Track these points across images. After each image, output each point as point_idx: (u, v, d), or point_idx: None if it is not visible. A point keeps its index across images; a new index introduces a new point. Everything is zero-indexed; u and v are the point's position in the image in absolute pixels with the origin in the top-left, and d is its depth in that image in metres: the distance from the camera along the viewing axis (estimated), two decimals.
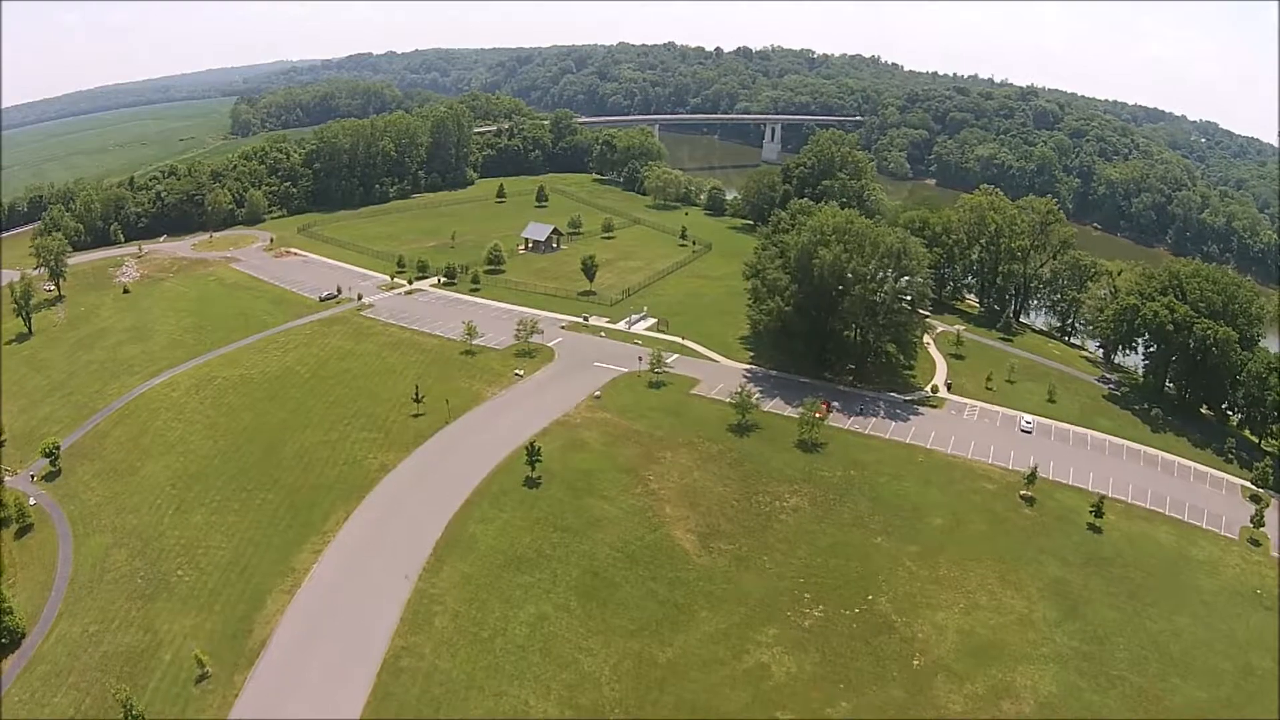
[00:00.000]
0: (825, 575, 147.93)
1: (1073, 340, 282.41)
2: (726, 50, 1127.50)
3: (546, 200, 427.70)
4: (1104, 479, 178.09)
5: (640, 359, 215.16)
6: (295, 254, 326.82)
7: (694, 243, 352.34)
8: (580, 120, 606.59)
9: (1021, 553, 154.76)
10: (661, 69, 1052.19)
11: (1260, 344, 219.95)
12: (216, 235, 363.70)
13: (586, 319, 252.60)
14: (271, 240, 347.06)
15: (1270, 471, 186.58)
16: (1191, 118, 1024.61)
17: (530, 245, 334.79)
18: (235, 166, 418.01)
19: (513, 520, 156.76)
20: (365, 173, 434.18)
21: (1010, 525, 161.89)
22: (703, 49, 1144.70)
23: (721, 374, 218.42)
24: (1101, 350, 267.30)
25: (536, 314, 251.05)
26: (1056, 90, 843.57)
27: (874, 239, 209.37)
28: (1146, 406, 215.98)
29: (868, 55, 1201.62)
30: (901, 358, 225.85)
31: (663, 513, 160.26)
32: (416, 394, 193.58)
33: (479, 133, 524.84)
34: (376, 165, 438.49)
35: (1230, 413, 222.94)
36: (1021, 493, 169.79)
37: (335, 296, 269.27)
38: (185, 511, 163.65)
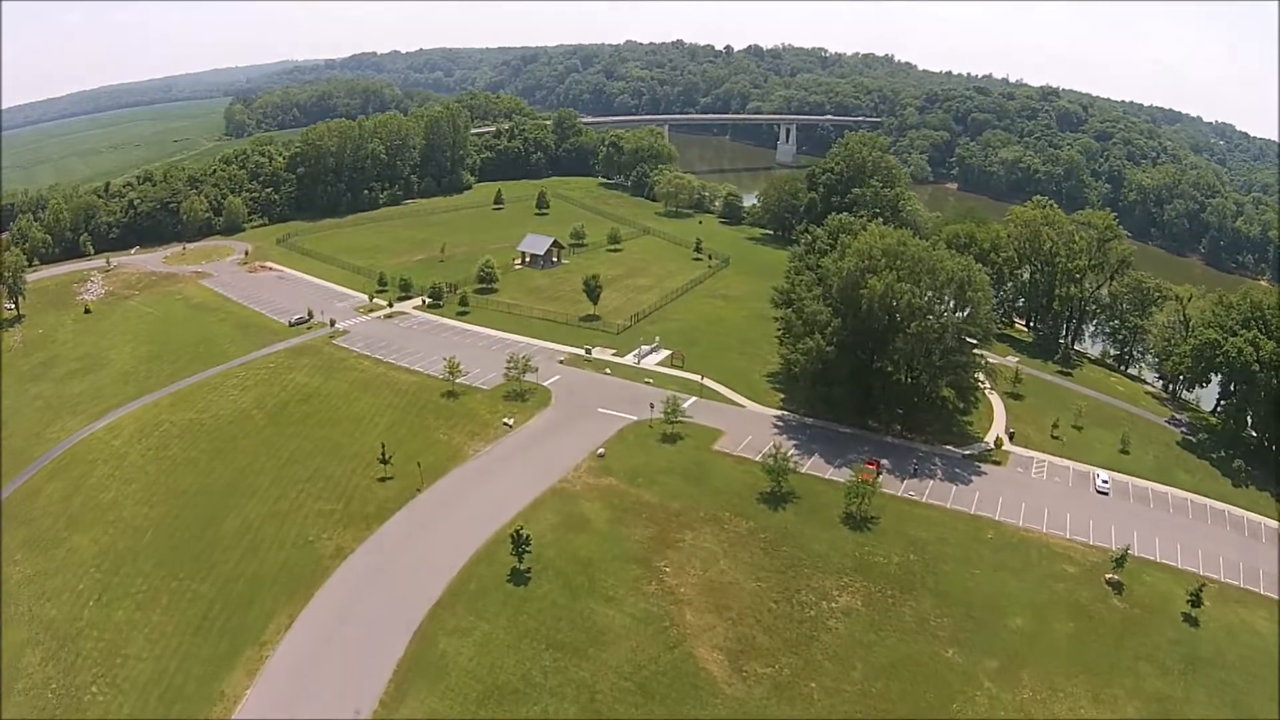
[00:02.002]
0: (887, 704, 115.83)
1: (1130, 371, 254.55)
2: (737, 49, 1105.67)
3: (548, 207, 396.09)
4: (1192, 551, 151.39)
5: (652, 405, 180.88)
6: (271, 269, 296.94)
7: (710, 256, 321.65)
8: (585, 120, 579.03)
9: (1115, 660, 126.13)
10: (670, 68, 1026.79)
11: None
12: (191, 247, 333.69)
13: (589, 351, 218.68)
14: (246, 253, 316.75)
15: None
16: (1207, 119, 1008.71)
17: (527, 259, 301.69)
18: (214, 171, 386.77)
19: (494, 633, 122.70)
20: (353, 177, 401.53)
21: (1099, 622, 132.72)
22: (712, 47, 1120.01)
23: (748, 422, 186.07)
24: (1161, 381, 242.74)
25: (531, 344, 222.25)
26: (1071, 90, 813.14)
27: (932, 265, 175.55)
28: (1225, 455, 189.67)
29: (880, 54, 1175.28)
30: (959, 403, 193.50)
31: (683, 621, 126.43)
32: (383, 454, 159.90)
33: (477, 133, 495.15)
34: (365, 169, 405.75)
35: None
36: (1107, 576, 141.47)
37: (306, 321, 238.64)
38: (109, 604, 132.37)
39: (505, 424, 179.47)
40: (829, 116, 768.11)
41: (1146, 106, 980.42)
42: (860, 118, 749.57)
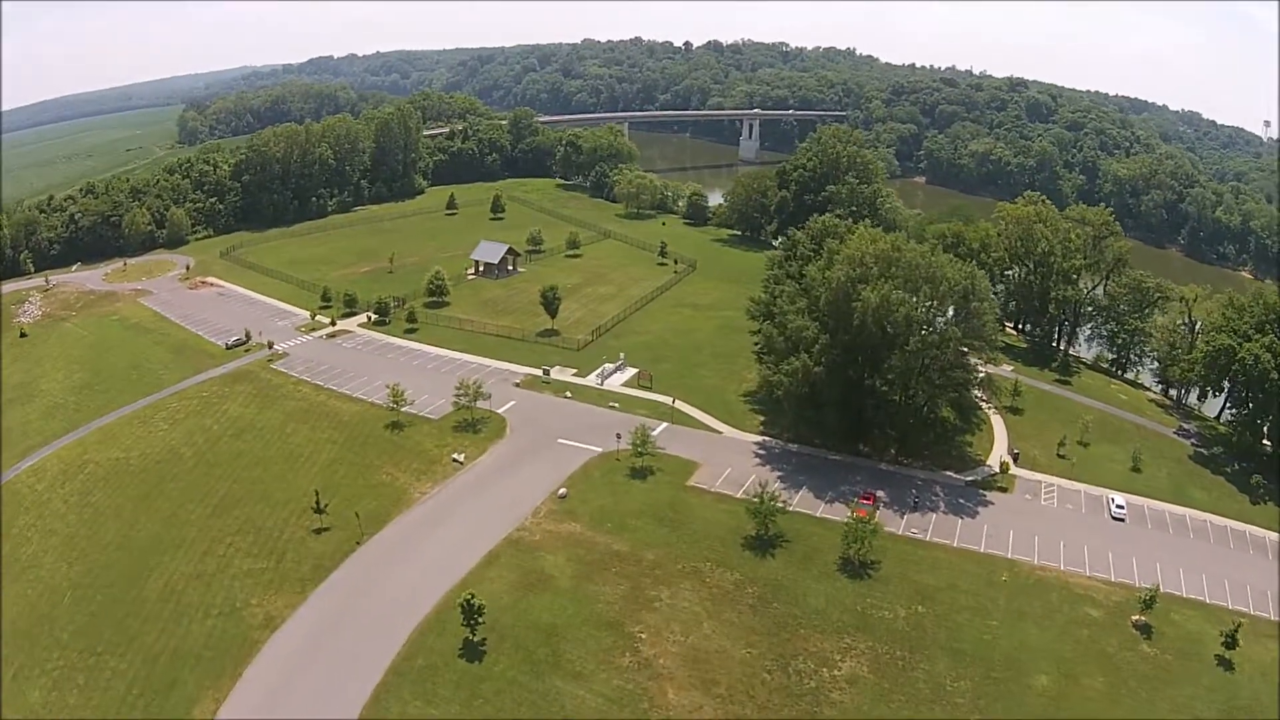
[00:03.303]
0: None
1: (1128, 376, 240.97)
2: (696, 45, 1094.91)
3: (503, 211, 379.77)
4: (1218, 581, 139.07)
5: (619, 436, 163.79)
6: (212, 284, 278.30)
7: (676, 261, 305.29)
8: (542, 120, 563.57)
9: (1151, 717, 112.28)
10: (629, 65, 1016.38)
11: None
12: (132, 262, 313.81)
13: (547, 373, 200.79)
14: (188, 269, 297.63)
15: None
16: (1173, 108, 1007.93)
17: (481, 269, 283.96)
18: (157, 182, 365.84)
19: None
20: (300, 184, 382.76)
21: (1130, 673, 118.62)
22: (671, 44, 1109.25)
23: (726, 451, 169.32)
24: (1162, 387, 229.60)
25: (484, 364, 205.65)
26: (1037, 82, 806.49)
27: (931, 273, 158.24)
28: (1240, 469, 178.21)
29: (842, 48, 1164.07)
30: (959, 423, 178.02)
31: (664, 701, 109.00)
32: (318, 503, 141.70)
33: (430, 135, 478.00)
34: (313, 175, 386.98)
35: None
36: (1134, 619, 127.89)
37: (244, 343, 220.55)
38: (23, 681, 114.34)
39: (455, 460, 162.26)
40: (792, 111, 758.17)
41: (1113, 96, 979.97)
42: (824, 111, 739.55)
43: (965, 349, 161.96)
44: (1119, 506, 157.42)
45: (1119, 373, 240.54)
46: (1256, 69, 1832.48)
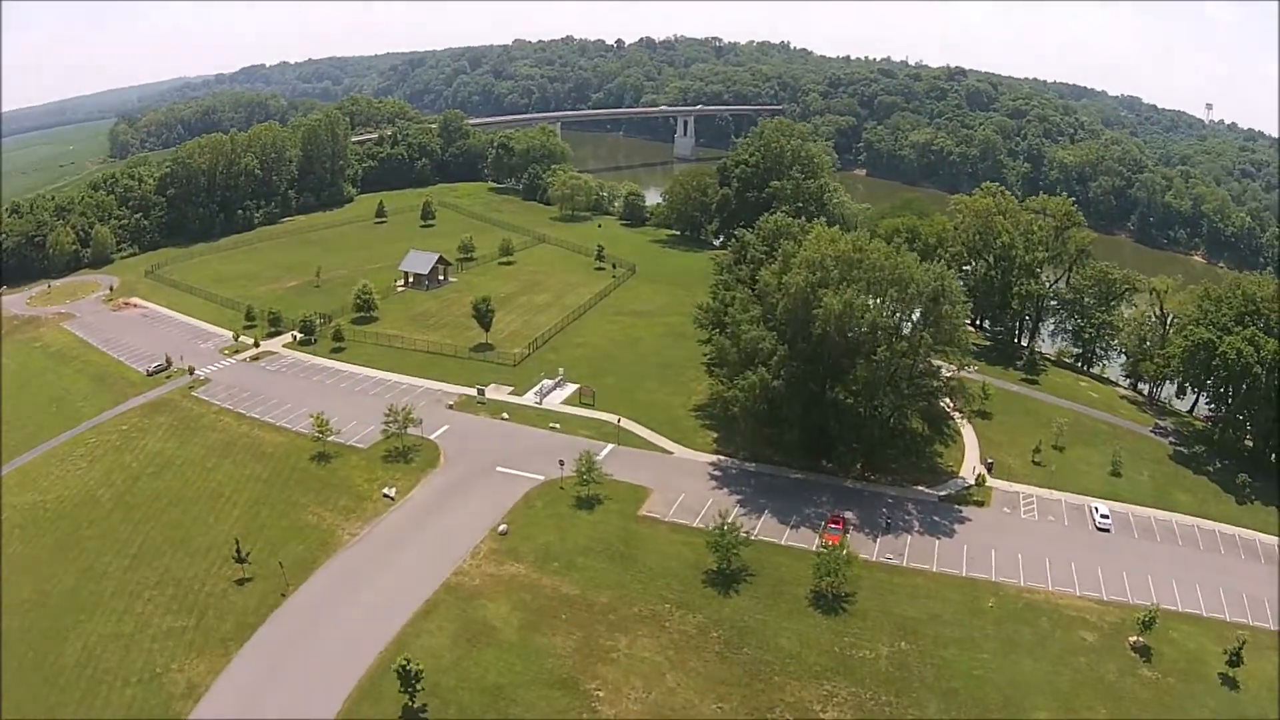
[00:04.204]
0: None
1: (1093, 371, 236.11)
2: (629, 42, 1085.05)
3: (434, 218, 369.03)
4: (1212, 591, 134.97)
5: (562, 463, 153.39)
6: (136, 305, 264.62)
7: (614, 265, 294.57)
8: (473, 122, 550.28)
9: None
10: (560, 64, 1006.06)
11: None
12: (57, 284, 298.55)
13: (482, 392, 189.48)
14: (111, 289, 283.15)
15: None
16: (1112, 93, 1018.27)
17: (410, 280, 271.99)
18: (82, 199, 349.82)
19: None
20: (226, 196, 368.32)
21: (1133, 702, 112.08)
22: (603, 42, 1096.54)
23: (678, 474, 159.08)
24: (1129, 381, 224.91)
25: (415, 385, 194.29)
26: (975, 71, 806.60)
27: (898, 275, 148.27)
28: (1223, 468, 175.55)
29: (776, 42, 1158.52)
30: (928, 432, 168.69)
31: None
32: (239, 552, 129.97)
33: (358, 141, 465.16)
34: (239, 187, 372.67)
35: None
36: (1132, 640, 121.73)
37: (165, 369, 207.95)
38: None
39: (386, 495, 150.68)
40: (728, 106, 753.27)
41: (1052, 83, 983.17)
42: (760, 106, 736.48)
43: (936, 356, 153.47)
44: (1103, 516, 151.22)
45: (1085, 368, 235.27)
46: (1195, 52, 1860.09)
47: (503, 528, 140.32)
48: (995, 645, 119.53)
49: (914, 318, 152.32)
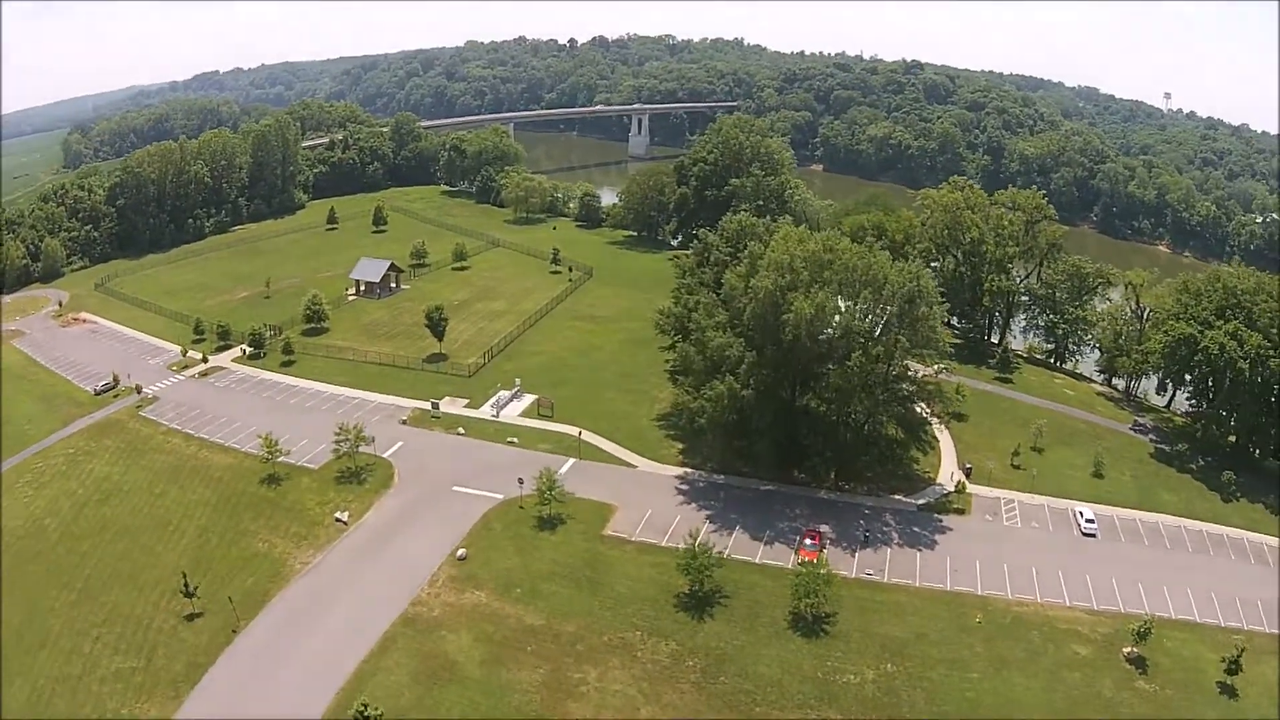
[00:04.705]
0: None
1: (1066, 367, 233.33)
2: (581, 41, 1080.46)
3: (386, 223, 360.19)
4: (1204, 594, 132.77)
5: (521, 481, 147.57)
6: (85, 321, 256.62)
7: (571, 268, 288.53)
8: (425, 124, 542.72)
9: None
10: (513, 64, 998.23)
11: None
12: (7, 300, 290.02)
13: (436, 406, 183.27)
14: (60, 304, 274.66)
15: None
16: (1069, 84, 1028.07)
17: (362, 289, 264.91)
18: (32, 212, 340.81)
19: None
20: (176, 206, 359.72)
21: (1131, 716, 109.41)
22: (555, 41, 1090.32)
23: (644, 489, 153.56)
24: (1104, 377, 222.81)
25: (367, 399, 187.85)
26: (932, 64, 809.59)
27: (871, 276, 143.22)
28: (1207, 464, 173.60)
29: (730, 38, 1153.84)
30: (904, 438, 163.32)
31: None
32: (187, 586, 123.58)
33: (309, 147, 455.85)
34: (189, 196, 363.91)
35: None
36: (1126, 651, 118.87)
37: (112, 387, 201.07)
38: None
39: (339, 520, 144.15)
40: (682, 104, 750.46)
41: (1009, 75, 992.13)
42: (715, 103, 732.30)
43: (912, 359, 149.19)
44: (1089, 521, 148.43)
45: (1058, 364, 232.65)
46: (1153, 40, 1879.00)
47: (461, 552, 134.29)
48: (985, 664, 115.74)
49: (889, 320, 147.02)
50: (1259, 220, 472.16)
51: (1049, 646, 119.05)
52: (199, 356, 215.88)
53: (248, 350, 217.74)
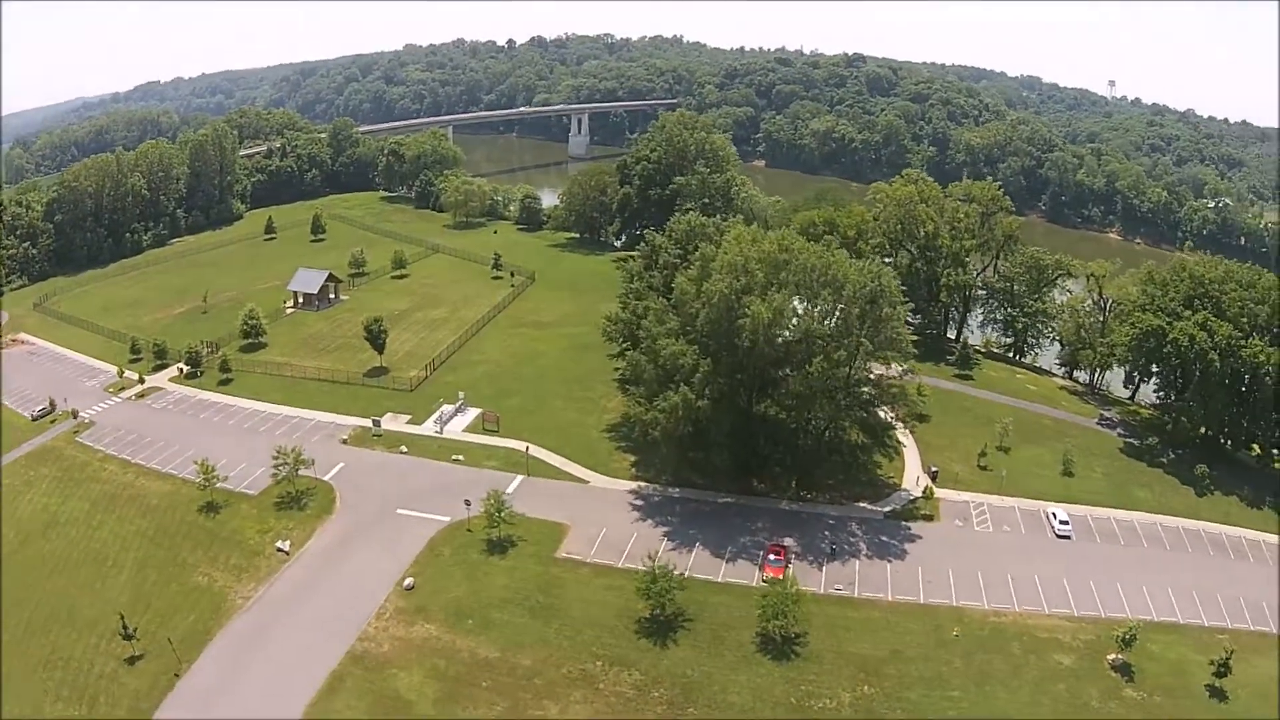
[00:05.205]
0: None
1: (1025, 361, 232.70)
2: (520, 42, 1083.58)
3: (324, 231, 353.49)
4: (1185, 594, 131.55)
5: (468, 503, 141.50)
6: (24, 342, 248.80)
7: (512, 273, 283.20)
8: (363, 129, 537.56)
9: None
10: (451, 67, 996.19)
11: None
12: None
13: (378, 423, 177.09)
14: None
15: None
16: (1011, 74, 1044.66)
17: (300, 300, 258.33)
18: None
19: None
20: (114, 219, 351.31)
21: None
22: (494, 43, 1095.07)
23: (597, 506, 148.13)
24: (1065, 370, 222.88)
25: (307, 418, 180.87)
26: (874, 57, 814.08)
27: (831, 275, 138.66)
28: (1177, 458, 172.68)
29: (669, 35, 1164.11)
30: (867, 443, 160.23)
31: None
32: (125, 627, 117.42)
33: (247, 155, 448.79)
34: (127, 209, 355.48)
35: (1277, 453, 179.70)
36: (1111, 658, 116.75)
37: (49, 412, 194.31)
38: None
39: (280, 550, 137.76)
40: (622, 103, 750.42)
41: (951, 66, 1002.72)
42: (656, 101, 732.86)
43: (876, 361, 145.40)
44: (1063, 523, 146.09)
45: (1018, 358, 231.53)
46: (1096, 29, 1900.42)
47: (408, 581, 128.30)
48: (966, 680, 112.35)
49: (850, 321, 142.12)
50: (1211, 205, 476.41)
51: (1031, 658, 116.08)
52: (135, 377, 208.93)
53: (184, 369, 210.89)
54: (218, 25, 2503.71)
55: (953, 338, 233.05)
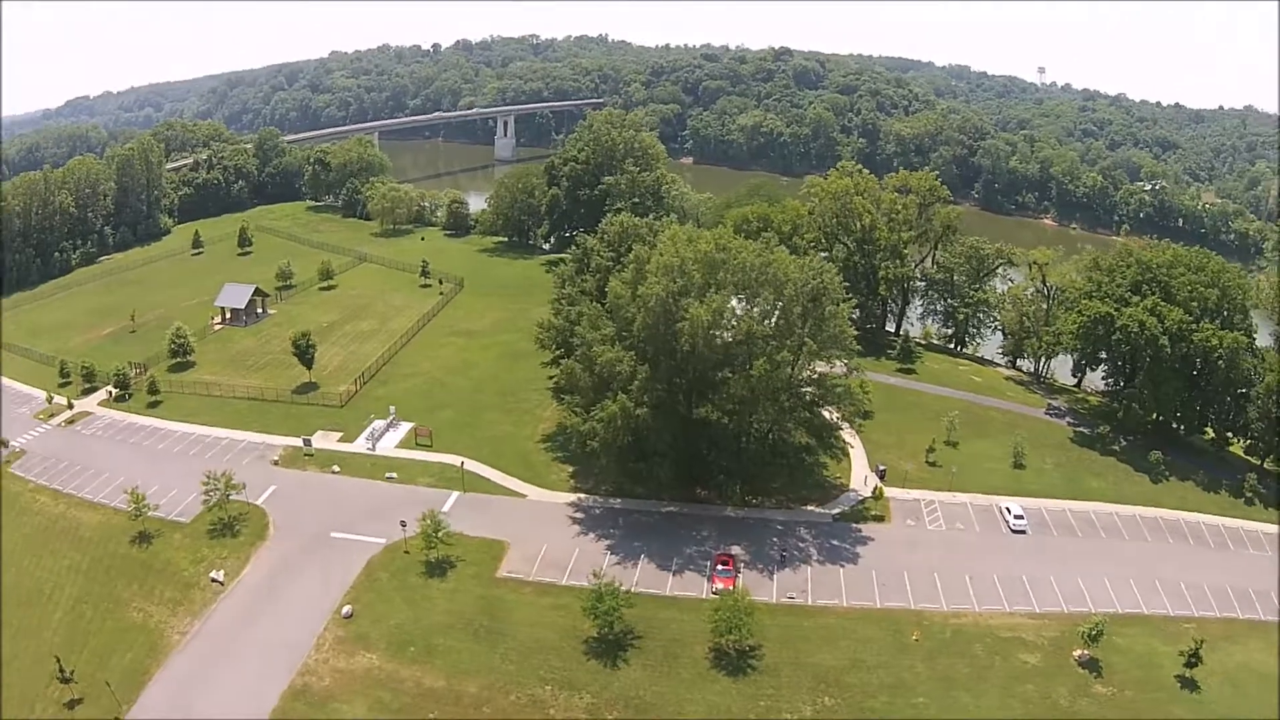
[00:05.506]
0: None
1: (966, 352, 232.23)
2: (445, 46, 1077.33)
3: (251, 244, 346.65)
4: (1148, 583, 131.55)
5: (404, 524, 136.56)
6: None
7: (441, 280, 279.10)
8: (289, 139, 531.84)
9: None
10: (377, 73, 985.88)
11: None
12: None
13: (309, 443, 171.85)
14: None
15: None
16: (939, 64, 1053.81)
17: (228, 316, 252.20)
18: None
19: None
20: (42, 239, 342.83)
21: None
22: (419, 47, 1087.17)
23: (536, 521, 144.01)
24: (1008, 360, 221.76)
25: (237, 439, 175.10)
26: (800, 50, 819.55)
27: (771, 274, 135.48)
28: (1130, 445, 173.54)
29: (594, 35, 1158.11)
30: (813, 444, 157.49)
31: None
32: (61, 670, 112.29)
33: (173, 169, 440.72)
34: (54, 228, 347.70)
35: (1231, 436, 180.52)
36: (1077, 654, 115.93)
37: None
38: None
39: (214, 580, 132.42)
40: (547, 103, 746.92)
41: (878, 58, 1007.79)
42: (581, 101, 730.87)
43: (820, 361, 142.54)
44: (1017, 517, 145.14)
45: (959, 349, 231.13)
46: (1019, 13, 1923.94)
47: (346, 609, 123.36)
48: (930, 686, 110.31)
49: (792, 320, 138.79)
50: (1148, 188, 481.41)
51: (995, 659, 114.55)
52: (65, 402, 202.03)
53: (114, 392, 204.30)
54: (145, 37, 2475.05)
55: (892, 331, 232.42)
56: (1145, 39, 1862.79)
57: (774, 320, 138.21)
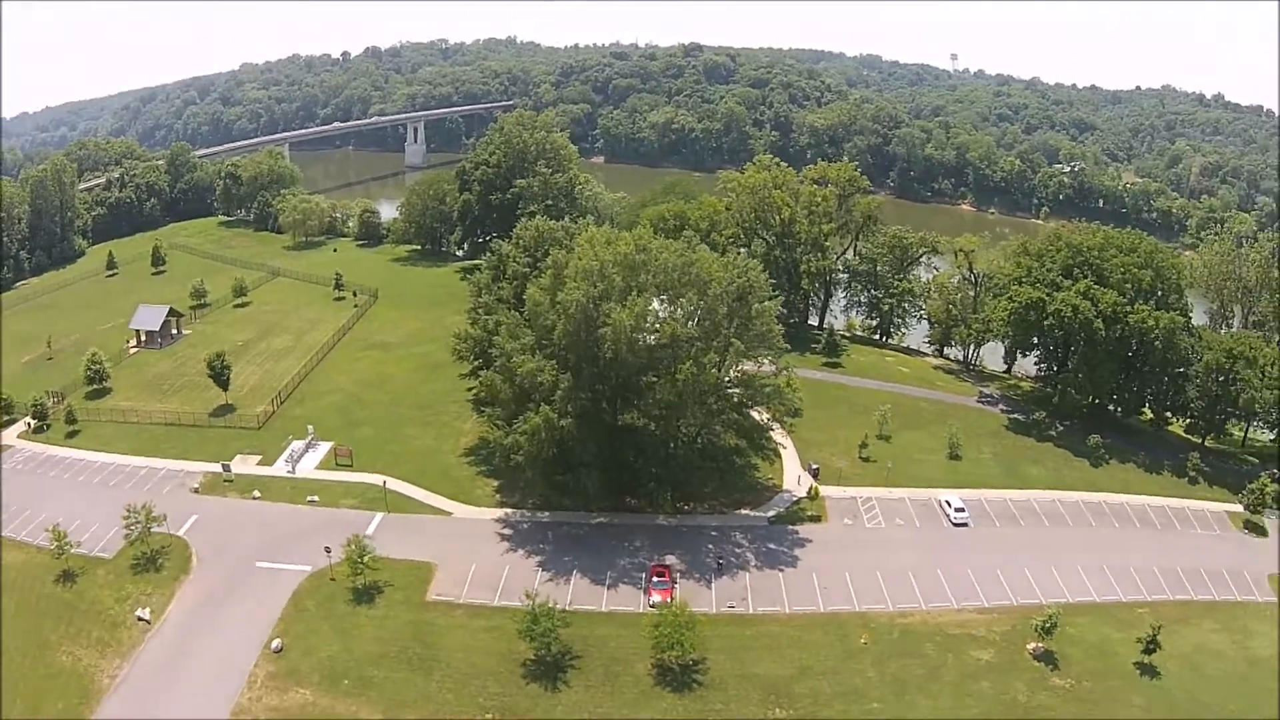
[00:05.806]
0: None
1: (891, 342, 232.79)
2: (355, 53, 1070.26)
3: (165, 263, 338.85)
4: (1096, 569, 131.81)
5: (328, 550, 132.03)
6: None
7: (355, 292, 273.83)
8: (200, 153, 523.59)
9: None
10: (288, 83, 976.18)
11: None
12: None
13: (227, 468, 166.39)
14: None
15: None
16: (850, 54, 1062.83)
17: (143, 339, 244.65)
18: None
19: None
20: None
21: (1054, 717, 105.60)
22: (329, 55, 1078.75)
23: (464, 540, 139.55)
24: (935, 349, 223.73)
25: (157, 467, 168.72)
26: (710, 45, 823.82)
27: (694, 274, 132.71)
28: (1064, 430, 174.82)
29: (502, 37, 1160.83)
30: (743, 446, 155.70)
31: None
32: None
33: (86, 189, 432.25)
34: None
35: (1171, 416, 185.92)
36: (1031, 647, 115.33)
37: None
38: None
39: (140, 618, 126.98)
40: (457, 108, 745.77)
41: (789, 50, 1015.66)
42: (491, 104, 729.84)
43: (748, 361, 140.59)
44: (958, 510, 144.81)
45: (884, 340, 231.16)
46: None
47: (276, 643, 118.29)
48: (883, 690, 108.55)
49: (718, 321, 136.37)
50: (1066, 170, 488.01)
51: (947, 657, 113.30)
52: None
53: (32, 424, 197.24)
54: (58, 56, 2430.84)
55: (816, 324, 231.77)
56: (1061, 19, 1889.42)
57: (698, 321, 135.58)
